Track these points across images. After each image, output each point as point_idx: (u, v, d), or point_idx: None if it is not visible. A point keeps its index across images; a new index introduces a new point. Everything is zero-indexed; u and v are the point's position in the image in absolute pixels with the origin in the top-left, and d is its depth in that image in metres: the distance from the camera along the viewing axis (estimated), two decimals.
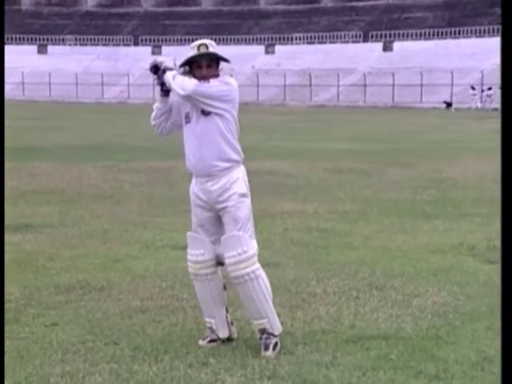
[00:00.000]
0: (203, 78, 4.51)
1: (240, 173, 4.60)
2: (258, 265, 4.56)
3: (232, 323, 4.82)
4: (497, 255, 7.01)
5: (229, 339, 4.75)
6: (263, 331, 4.59)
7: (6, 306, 5.44)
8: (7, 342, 4.65)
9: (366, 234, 8.32)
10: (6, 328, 4.90)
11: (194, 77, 4.52)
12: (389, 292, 5.88)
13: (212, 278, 4.69)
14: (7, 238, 7.67)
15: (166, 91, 4.58)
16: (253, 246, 4.56)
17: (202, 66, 4.51)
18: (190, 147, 4.59)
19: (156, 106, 4.70)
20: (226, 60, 4.60)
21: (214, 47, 4.54)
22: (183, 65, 4.58)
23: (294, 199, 10.77)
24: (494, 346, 4.60)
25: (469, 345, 4.68)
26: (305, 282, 6.16)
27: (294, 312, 5.35)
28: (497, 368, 4.24)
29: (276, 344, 4.59)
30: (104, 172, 13.91)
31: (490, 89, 50.38)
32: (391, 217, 9.38)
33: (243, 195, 4.57)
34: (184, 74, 4.54)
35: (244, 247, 4.51)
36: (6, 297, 5.62)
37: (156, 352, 4.56)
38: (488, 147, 19.33)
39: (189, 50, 4.54)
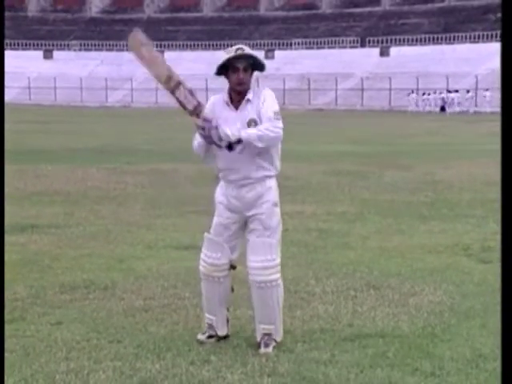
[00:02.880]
0: (240, 82, 4.39)
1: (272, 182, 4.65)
2: (280, 274, 4.62)
3: (228, 321, 4.84)
4: (491, 255, 7.11)
5: (225, 337, 4.79)
6: (267, 335, 4.62)
7: (13, 304, 5.51)
8: (14, 340, 4.71)
9: (363, 234, 8.35)
10: (13, 326, 4.99)
11: (230, 83, 4.39)
12: (386, 291, 5.91)
13: (223, 281, 4.70)
14: (14, 238, 7.76)
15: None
16: (279, 255, 4.61)
17: (239, 68, 4.35)
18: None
19: (200, 144, 4.51)
20: (262, 64, 4.46)
21: (249, 50, 4.39)
22: (219, 70, 4.40)
23: (293, 201, 10.74)
24: (488, 344, 4.63)
25: (464, 342, 4.70)
26: (304, 282, 6.20)
27: (294, 311, 5.39)
28: (491, 365, 4.30)
29: (274, 346, 4.62)
30: (108, 174, 13.95)
31: (468, 91, 50.86)
32: (388, 218, 9.41)
33: (275, 204, 4.63)
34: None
35: (274, 255, 4.55)
36: (13, 296, 5.70)
37: (158, 350, 4.58)
38: (481, 150, 19.43)
39: (223, 55, 4.36)
